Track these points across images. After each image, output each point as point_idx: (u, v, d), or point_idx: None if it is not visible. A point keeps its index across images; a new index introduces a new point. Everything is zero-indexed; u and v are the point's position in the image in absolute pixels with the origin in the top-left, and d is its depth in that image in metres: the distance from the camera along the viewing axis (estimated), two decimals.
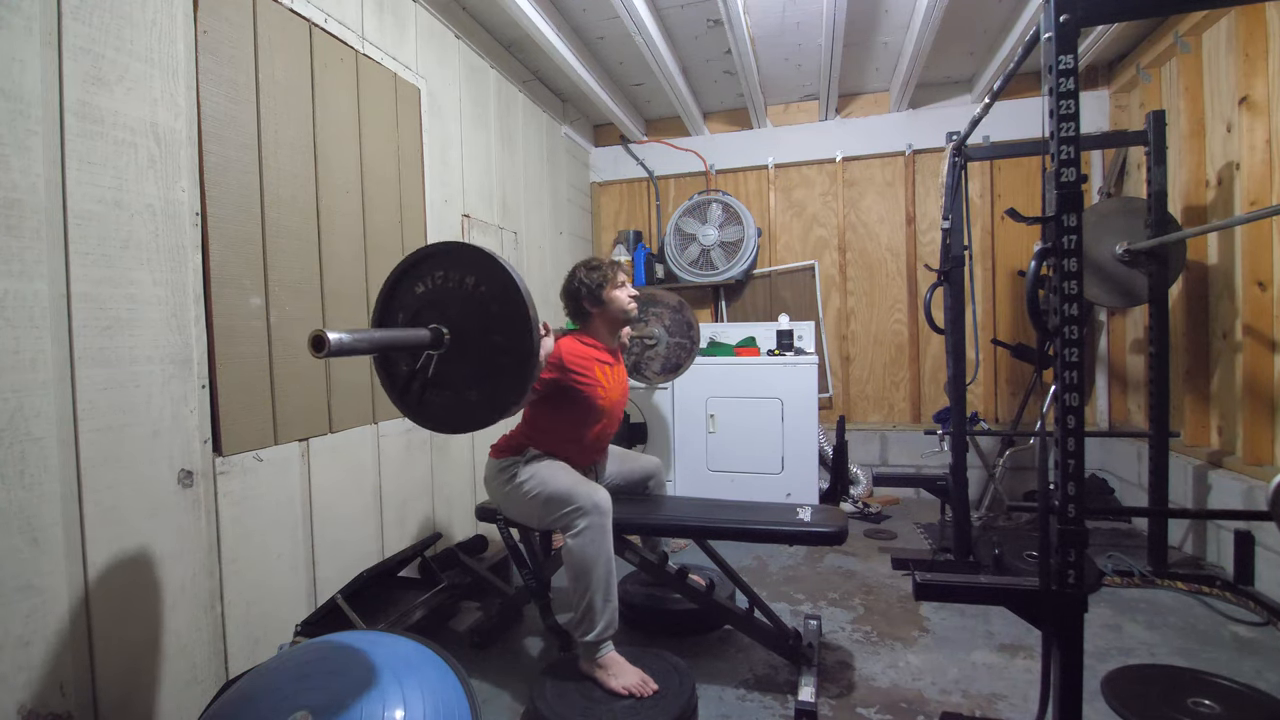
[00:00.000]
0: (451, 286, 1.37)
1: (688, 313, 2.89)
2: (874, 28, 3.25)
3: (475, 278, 1.35)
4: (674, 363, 2.89)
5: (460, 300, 1.36)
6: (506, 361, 1.31)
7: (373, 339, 1.21)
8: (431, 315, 1.37)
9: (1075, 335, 1.35)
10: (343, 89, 2.12)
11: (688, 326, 2.88)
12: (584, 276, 2.07)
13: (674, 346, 2.87)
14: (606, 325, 2.11)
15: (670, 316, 2.88)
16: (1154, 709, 1.65)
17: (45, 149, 1.29)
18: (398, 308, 1.43)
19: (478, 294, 1.34)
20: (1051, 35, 1.35)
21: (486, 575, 2.36)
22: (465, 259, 1.37)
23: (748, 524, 1.95)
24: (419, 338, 1.32)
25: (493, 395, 1.32)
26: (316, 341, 1.07)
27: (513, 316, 1.30)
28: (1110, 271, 2.78)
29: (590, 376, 1.98)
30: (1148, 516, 2.69)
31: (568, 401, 1.97)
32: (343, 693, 1.18)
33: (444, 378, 1.37)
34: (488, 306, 1.33)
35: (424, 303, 1.39)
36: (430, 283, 1.40)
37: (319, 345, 1.07)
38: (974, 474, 3.59)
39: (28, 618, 1.24)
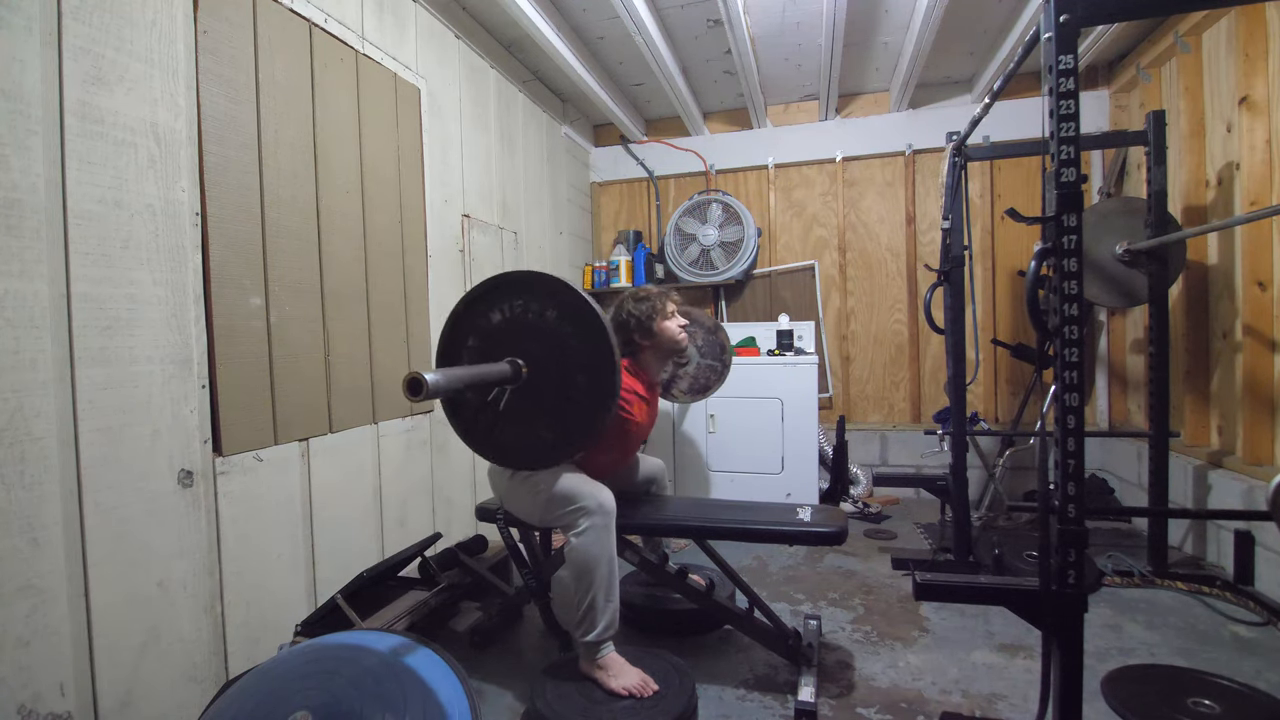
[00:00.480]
0: (531, 318, 1.32)
1: (722, 335, 2.83)
2: (874, 28, 3.25)
3: (558, 313, 1.30)
4: (702, 384, 2.83)
5: (539, 334, 1.31)
6: (585, 402, 1.27)
7: (462, 378, 1.17)
8: (506, 345, 1.32)
9: (1075, 335, 1.35)
10: (343, 89, 2.12)
11: (720, 349, 2.82)
12: (632, 308, 2.03)
13: (704, 368, 2.82)
14: (656, 357, 2.09)
15: (704, 336, 2.82)
16: (1154, 709, 1.65)
17: (45, 149, 1.29)
18: (468, 330, 1.38)
19: (560, 331, 1.29)
20: (1051, 35, 1.35)
21: (486, 575, 2.36)
22: (547, 291, 1.31)
23: (748, 524, 1.95)
24: (500, 373, 1.28)
25: (567, 434, 1.28)
26: (413, 385, 1.04)
27: (596, 358, 1.26)
28: (1110, 271, 2.78)
29: (628, 409, 1.97)
30: (1148, 516, 2.69)
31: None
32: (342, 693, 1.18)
33: (516, 412, 1.32)
34: (567, 343, 1.29)
35: (499, 331, 1.34)
36: (508, 311, 1.34)
37: (416, 389, 1.04)
38: (974, 474, 3.59)
39: (28, 618, 1.24)
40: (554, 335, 1.29)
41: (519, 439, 1.32)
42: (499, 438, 1.33)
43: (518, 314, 1.33)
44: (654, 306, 2.03)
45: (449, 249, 2.72)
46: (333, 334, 2.04)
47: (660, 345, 2.06)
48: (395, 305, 2.36)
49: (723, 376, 2.82)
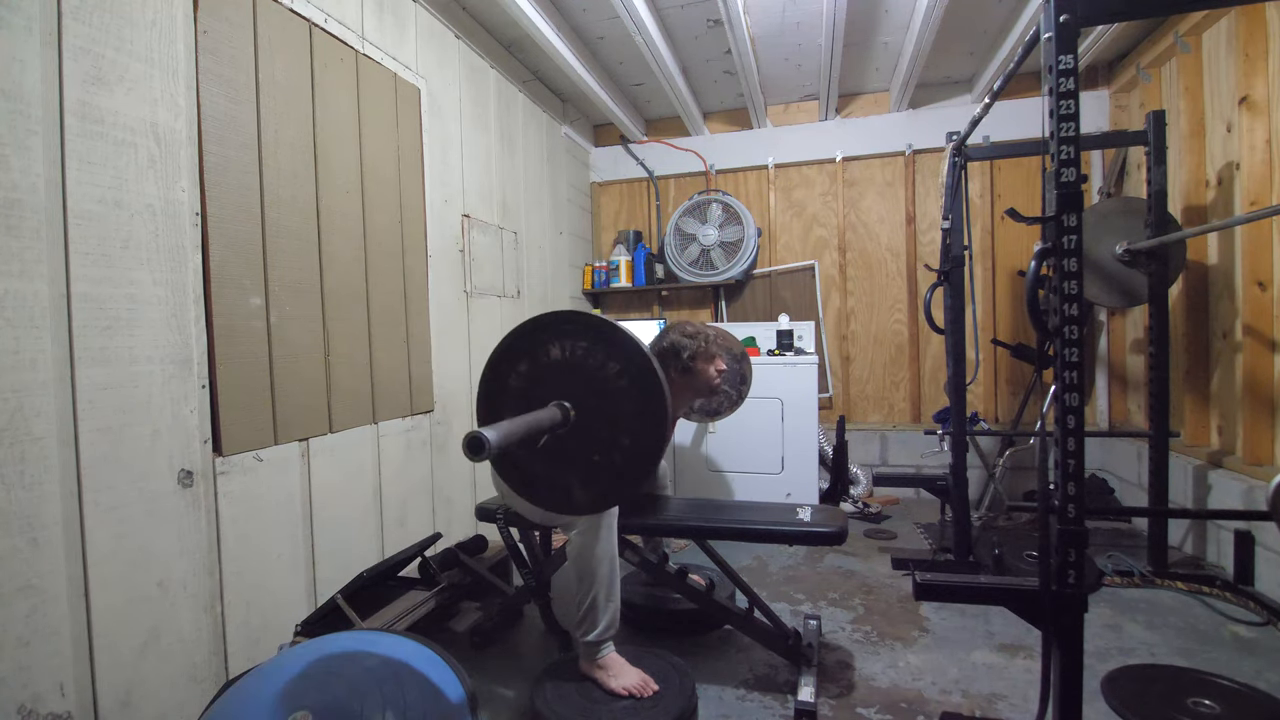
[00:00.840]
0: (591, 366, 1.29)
1: (746, 367, 2.76)
2: (874, 28, 3.25)
3: (621, 368, 1.26)
4: (714, 408, 2.79)
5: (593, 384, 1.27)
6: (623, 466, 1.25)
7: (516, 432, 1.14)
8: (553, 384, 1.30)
9: (1075, 335, 1.35)
10: (343, 89, 2.12)
11: (740, 380, 2.76)
12: (680, 340, 2.05)
13: (721, 394, 2.78)
14: (685, 393, 2.10)
15: (728, 363, 2.77)
16: (1154, 709, 1.65)
17: (45, 149, 1.29)
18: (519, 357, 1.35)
19: (617, 386, 1.26)
20: (1051, 35, 1.35)
21: (486, 575, 2.36)
22: (619, 346, 1.28)
23: (748, 524, 1.95)
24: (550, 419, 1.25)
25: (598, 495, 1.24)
26: (474, 444, 1.02)
27: (646, 428, 1.22)
28: (1110, 271, 2.78)
29: None
30: (1148, 516, 2.69)
31: None
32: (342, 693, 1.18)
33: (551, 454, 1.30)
34: (622, 402, 1.26)
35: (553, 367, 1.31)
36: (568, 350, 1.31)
37: (477, 448, 1.02)
38: (974, 474, 3.59)
39: (28, 618, 1.24)
40: (611, 392, 1.26)
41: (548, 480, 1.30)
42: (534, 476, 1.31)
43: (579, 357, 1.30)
44: (701, 347, 2.05)
45: (449, 249, 2.72)
46: (333, 334, 2.04)
47: (693, 384, 2.08)
48: (395, 305, 2.36)
49: (736, 405, 2.78)
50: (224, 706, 1.23)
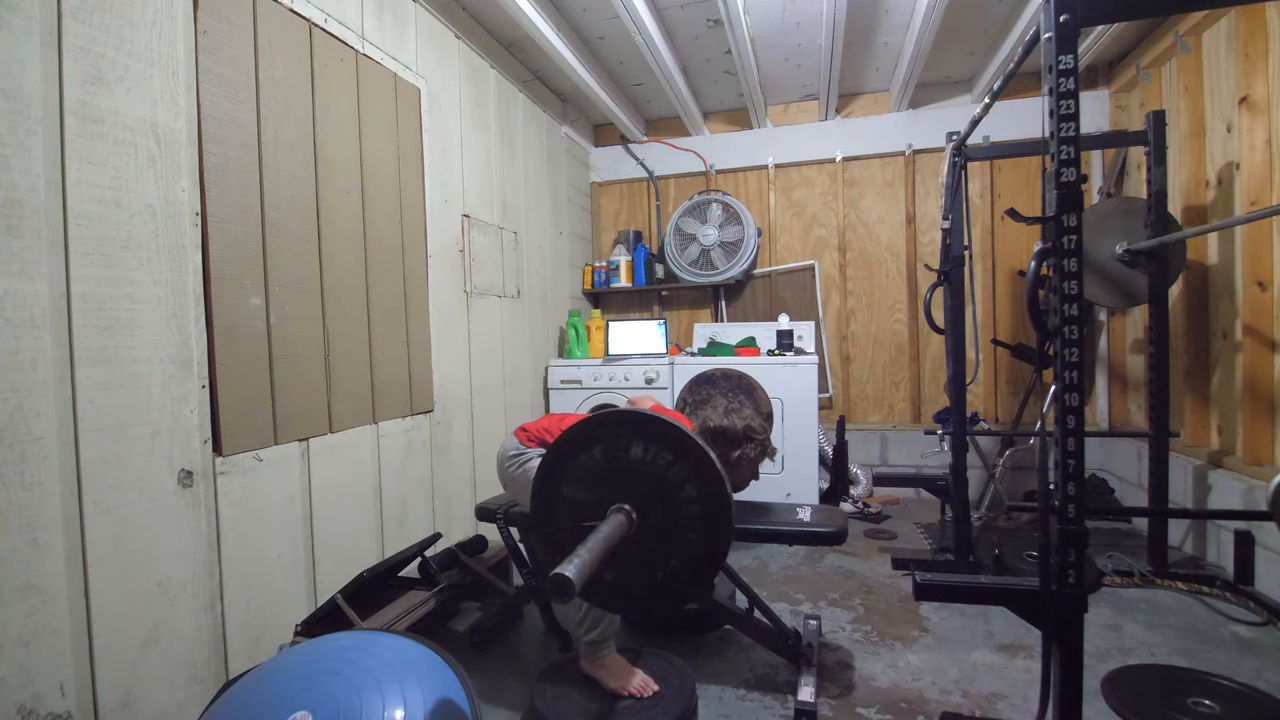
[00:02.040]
0: (662, 474, 1.21)
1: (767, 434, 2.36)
2: (874, 28, 3.25)
3: (697, 493, 1.19)
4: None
5: (663, 494, 1.21)
6: (673, 581, 1.19)
7: (597, 557, 1.08)
8: (620, 487, 1.23)
9: (1075, 335, 1.35)
10: (343, 89, 2.12)
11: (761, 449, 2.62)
12: (749, 431, 2.03)
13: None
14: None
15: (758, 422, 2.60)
16: (1154, 709, 1.65)
17: (45, 149, 1.29)
18: (584, 446, 1.28)
19: (685, 502, 1.19)
20: (1051, 35, 1.35)
21: (486, 575, 2.36)
22: (701, 466, 1.21)
23: (747, 524, 1.95)
24: (619, 530, 1.18)
25: (649, 606, 1.20)
26: (560, 587, 0.96)
27: (699, 560, 1.17)
28: (1110, 271, 2.78)
29: None
30: (1148, 516, 2.69)
31: None
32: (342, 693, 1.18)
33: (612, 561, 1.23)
34: (688, 524, 1.19)
35: (620, 470, 1.24)
36: (643, 453, 1.23)
37: (565, 590, 0.96)
38: (974, 474, 3.60)
39: (28, 618, 1.24)
40: (678, 505, 1.19)
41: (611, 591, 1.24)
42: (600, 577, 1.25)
43: (649, 461, 1.22)
44: (762, 449, 2.05)
45: (449, 249, 2.72)
46: (333, 334, 2.04)
47: (737, 475, 2.07)
48: (395, 305, 2.36)
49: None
50: (224, 706, 1.23)
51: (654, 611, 1.22)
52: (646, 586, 1.23)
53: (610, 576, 1.25)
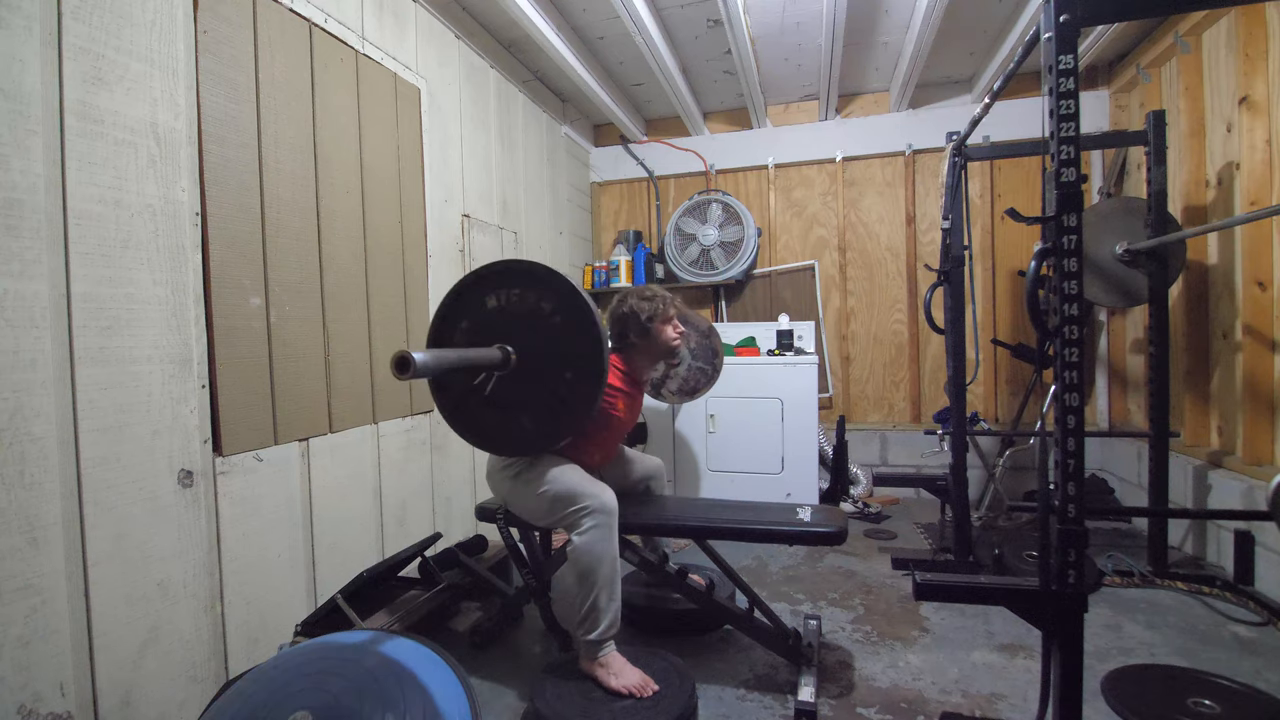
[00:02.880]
0: (526, 309, 1.34)
1: (715, 340, 2.86)
2: (874, 28, 3.25)
3: (553, 306, 1.31)
4: (691, 386, 2.87)
5: (532, 324, 1.32)
6: (569, 398, 1.29)
7: (449, 360, 1.18)
8: (498, 331, 1.34)
9: (1075, 335, 1.35)
10: (343, 89, 2.12)
11: (712, 354, 2.85)
12: (635, 305, 2.04)
13: (695, 370, 2.86)
14: (647, 357, 2.10)
15: (697, 340, 2.86)
16: (1154, 709, 1.65)
17: (45, 149, 1.29)
18: (463, 312, 1.40)
19: (552, 323, 1.31)
20: (1051, 35, 1.35)
21: (486, 575, 2.36)
22: (548, 285, 1.33)
23: (748, 524, 1.95)
24: (489, 358, 1.29)
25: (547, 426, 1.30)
26: (401, 363, 1.04)
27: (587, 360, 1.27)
28: (1110, 271, 2.78)
29: (613, 406, 2.00)
30: (1148, 516, 2.69)
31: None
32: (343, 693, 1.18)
33: (500, 398, 1.34)
34: (560, 339, 1.30)
35: (492, 317, 1.36)
36: (504, 299, 1.36)
37: (404, 367, 1.04)
38: (974, 474, 3.59)
39: (28, 618, 1.24)
40: (548, 329, 1.31)
41: (502, 425, 1.34)
42: (483, 421, 1.35)
43: (514, 303, 1.36)
44: (657, 308, 2.04)
45: (449, 249, 2.72)
46: (333, 334, 2.04)
47: (653, 347, 2.08)
48: (395, 305, 2.36)
49: (712, 380, 2.86)
50: (224, 706, 1.23)
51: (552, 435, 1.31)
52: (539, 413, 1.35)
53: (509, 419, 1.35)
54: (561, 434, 1.29)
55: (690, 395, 2.90)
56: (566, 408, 1.28)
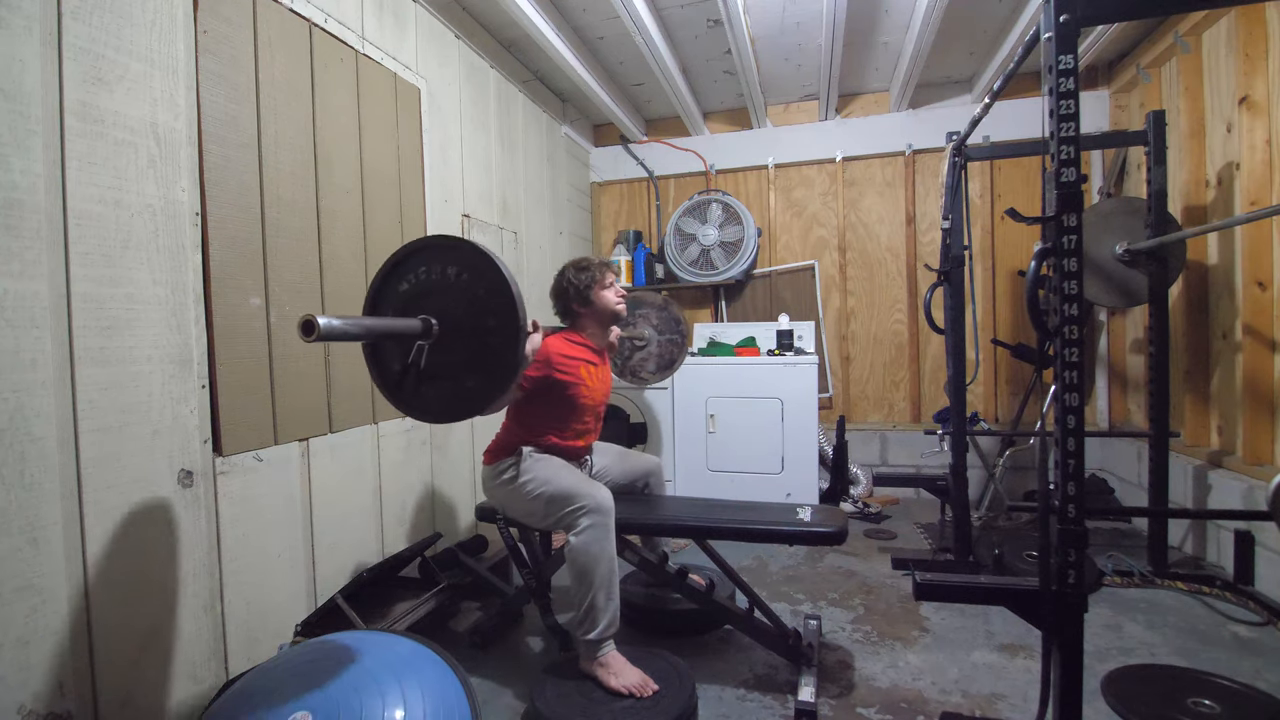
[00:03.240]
0: (435, 279, 1.41)
1: (674, 309, 2.91)
2: (874, 28, 3.25)
3: (457, 268, 1.39)
4: (668, 360, 2.92)
5: (445, 291, 1.40)
6: (497, 342, 1.36)
7: (363, 325, 1.23)
8: (418, 309, 1.41)
9: (1075, 335, 1.35)
10: (343, 89, 2.12)
11: (675, 322, 2.91)
12: (572, 276, 2.08)
13: (665, 344, 2.91)
14: (595, 324, 2.12)
15: (657, 315, 2.92)
16: (1154, 709, 1.65)
17: (45, 149, 1.29)
18: (385, 308, 1.47)
19: (461, 282, 1.39)
20: (1051, 35, 1.35)
21: (486, 575, 2.36)
22: (445, 251, 1.41)
23: (748, 524, 1.95)
24: (409, 327, 1.35)
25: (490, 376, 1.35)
26: (306, 325, 1.09)
27: (498, 296, 1.35)
28: (1110, 271, 2.78)
29: (574, 374, 2.01)
30: (1148, 516, 2.69)
31: (552, 398, 1.99)
32: (343, 693, 1.18)
33: (438, 368, 1.41)
34: (473, 292, 1.37)
35: (409, 298, 1.43)
36: (414, 279, 1.43)
37: (308, 329, 1.09)
38: (974, 474, 3.59)
39: (28, 618, 1.24)
40: (458, 289, 1.39)
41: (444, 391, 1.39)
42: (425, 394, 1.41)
43: (422, 279, 1.43)
44: (593, 276, 2.08)
45: None
46: None
47: (598, 312, 2.10)
48: None
49: (684, 349, 2.93)
50: (224, 706, 1.23)
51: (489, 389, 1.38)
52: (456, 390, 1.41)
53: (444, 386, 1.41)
54: (505, 378, 1.33)
55: (669, 369, 2.96)
56: (498, 353, 1.34)
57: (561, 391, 1.98)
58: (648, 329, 2.90)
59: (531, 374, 1.92)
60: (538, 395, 1.97)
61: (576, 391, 2.00)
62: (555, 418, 2.02)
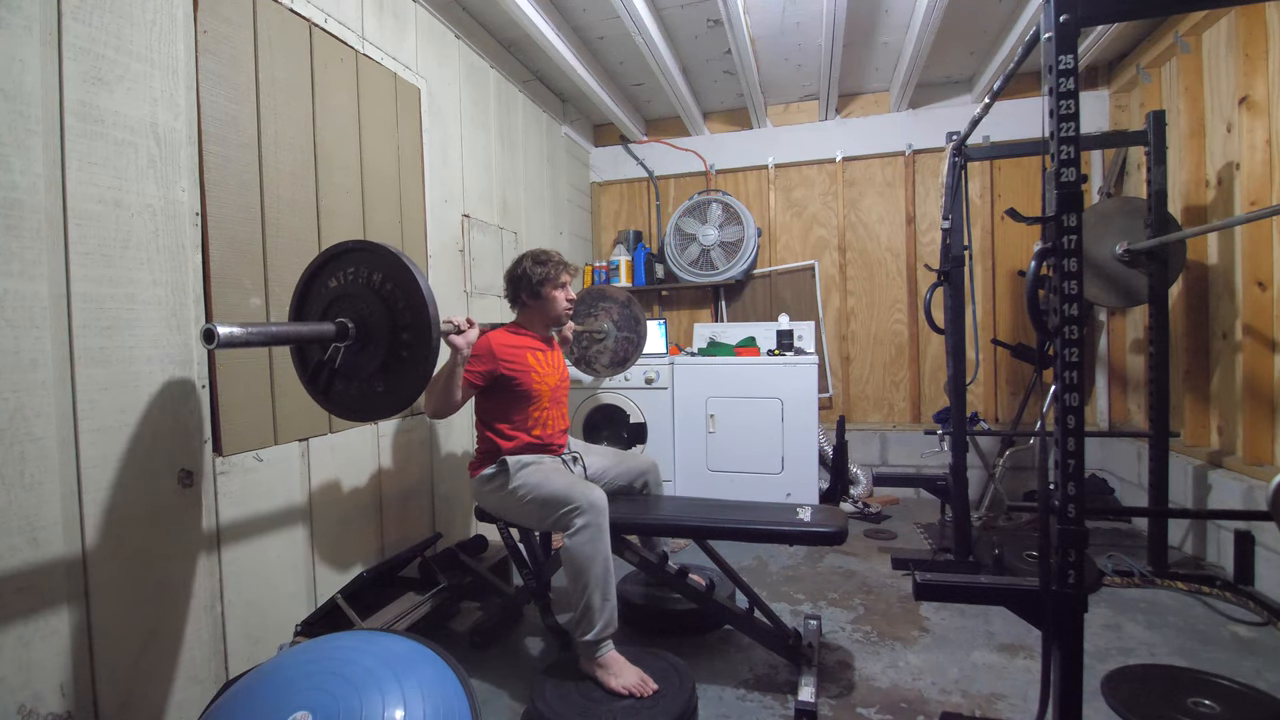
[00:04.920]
0: (361, 283, 1.44)
1: (635, 308, 2.94)
2: (874, 28, 3.25)
3: (382, 275, 1.42)
4: (621, 356, 2.96)
5: (368, 297, 1.43)
6: (409, 355, 1.39)
7: (269, 333, 1.25)
8: (343, 309, 1.44)
9: (1075, 335, 1.35)
10: (343, 89, 2.12)
11: (635, 321, 2.95)
12: (530, 267, 2.09)
13: (622, 340, 2.95)
14: (540, 320, 2.15)
15: (619, 311, 2.95)
16: (1154, 709, 1.65)
17: (45, 149, 1.29)
18: (313, 302, 1.51)
19: (384, 291, 1.41)
20: (1051, 35, 1.35)
21: (486, 575, 2.36)
22: (374, 257, 1.44)
23: (748, 524, 1.95)
24: (323, 332, 1.38)
25: (398, 387, 1.39)
26: (206, 335, 1.11)
27: (415, 313, 1.38)
28: (1110, 271, 2.78)
29: (522, 363, 2.03)
30: (1148, 516, 2.69)
31: (506, 391, 2.02)
32: (342, 693, 1.18)
33: (352, 369, 1.45)
34: (393, 303, 1.40)
35: (335, 297, 1.47)
36: (342, 279, 1.46)
37: (209, 338, 1.11)
38: (974, 474, 3.59)
39: (28, 618, 1.24)
40: (381, 297, 1.42)
41: (356, 391, 1.43)
42: (338, 390, 1.44)
43: (350, 280, 1.46)
44: (548, 273, 2.08)
45: (449, 249, 2.72)
46: None
47: (543, 310, 2.12)
48: None
49: (639, 347, 2.99)
50: (224, 706, 1.23)
51: (404, 391, 1.44)
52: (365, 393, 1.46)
53: (367, 388, 1.46)
54: (411, 391, 1.36)
55: (622, 365, 3.00)
56: (408, 366, 1.37)
57: (512, 382, 2.00)
58: (607, 323, 2.93)
59: (477, 369, 1.94)
60: (492, 391, 2.00)
61: (527, 379, 2.02)
62: (516, 411, 2.04)
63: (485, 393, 2.01)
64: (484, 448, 2.07)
